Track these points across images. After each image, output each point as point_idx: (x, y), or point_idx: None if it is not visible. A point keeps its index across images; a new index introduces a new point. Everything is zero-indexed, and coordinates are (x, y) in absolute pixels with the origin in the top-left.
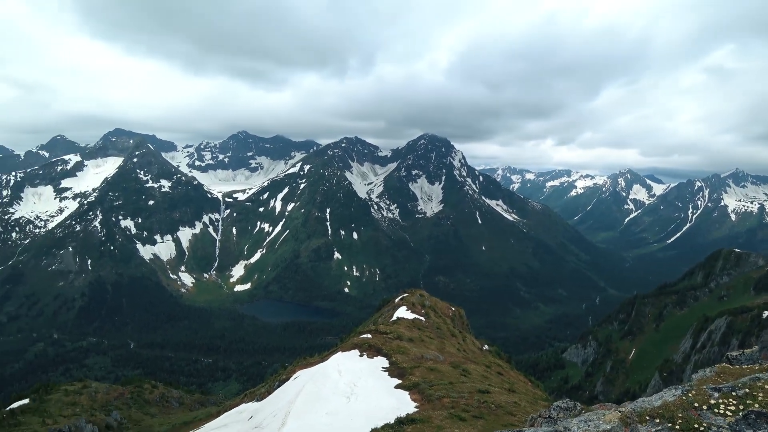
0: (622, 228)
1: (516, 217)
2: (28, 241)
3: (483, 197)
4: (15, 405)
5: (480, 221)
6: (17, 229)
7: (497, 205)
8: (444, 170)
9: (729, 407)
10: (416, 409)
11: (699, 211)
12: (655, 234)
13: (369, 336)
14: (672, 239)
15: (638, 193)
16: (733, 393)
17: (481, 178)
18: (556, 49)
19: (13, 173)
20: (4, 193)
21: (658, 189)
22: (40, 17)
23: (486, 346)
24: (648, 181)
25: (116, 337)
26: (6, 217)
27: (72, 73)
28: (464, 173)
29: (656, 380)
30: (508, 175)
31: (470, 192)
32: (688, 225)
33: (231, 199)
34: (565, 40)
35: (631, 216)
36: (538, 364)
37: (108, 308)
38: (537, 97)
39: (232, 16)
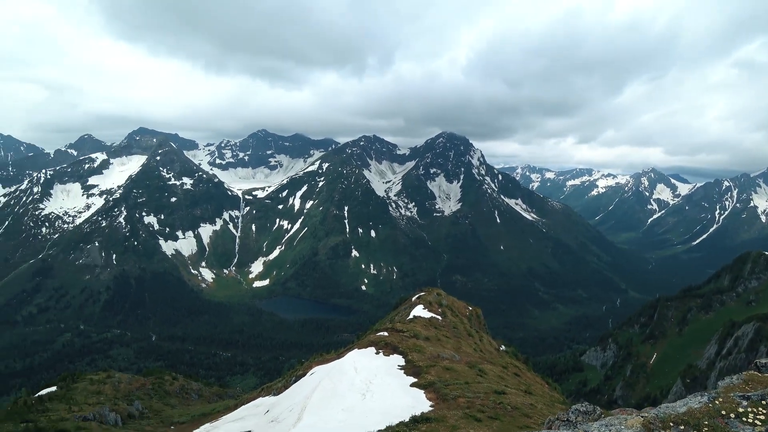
0: (644, 229)
1: (535, 216)
2: (57, 235)
3: (502, 196)
4: (43, 392)
5: (498, 220)
6: (47, 224)
7: (516, 204)
8: (462, 169)
9: (758, 416)
10: (431, 408)
11: (727, 212)
12: (680, 235)
13: (385, 334)
14: (697, 241)
15: (662, 193)
16: (763, 402)
17: (500, 177)
18: (578, 44)
19: (44, 171)
20: (35, 189)
21: (684, 189)
22: (68, 20)
23: (503, 347)
24: (673, 181)
25: (139, 329)
26: (36, 212)
27: (98, 74)
28: (483, 172)
29: (678, 386)
30: (527, 173)
31: (489, 191)
32: (715, 226)
33: (251, 197)
34: (588, 35)
35: (655, 216)
36: (555, 366)
37: (131, 302)
38: (558, 95)
39: (253, 16)
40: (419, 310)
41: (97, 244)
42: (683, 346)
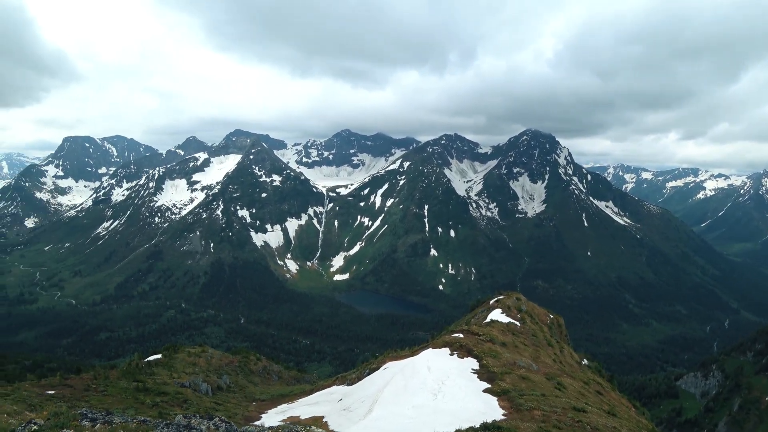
0: (764, 239)
1: (628, 221)
2: (166, 224)
3: (590, 198)
4: (151, 358)
5: (586, 224)
6: (159, 214)
7: (607, 206)
8: (548, 168)
9: None
10: (503, 417)
11: None
12: None
13: (461, 335)
14: None
15: None
16: None
17: (588, 177)
18: (682, 26)
19: (157, 168)
20: (150, 185)
21: None
22: (174, 36)
23: (585, 361)
24: None
25: (230, 311)
26: (151, 204)
27: (199, 82)
28: (570, 171)
29: None
30: (620, 173)
31: (576, 192)
32: None
33: (334, 194)
34: (695, 14)
35: None
36: (645, 388)
37: (225, 286)
38: (658, 85)
39: (333, 19)
40: (497, 314)
41: (198, 234)
42: None
